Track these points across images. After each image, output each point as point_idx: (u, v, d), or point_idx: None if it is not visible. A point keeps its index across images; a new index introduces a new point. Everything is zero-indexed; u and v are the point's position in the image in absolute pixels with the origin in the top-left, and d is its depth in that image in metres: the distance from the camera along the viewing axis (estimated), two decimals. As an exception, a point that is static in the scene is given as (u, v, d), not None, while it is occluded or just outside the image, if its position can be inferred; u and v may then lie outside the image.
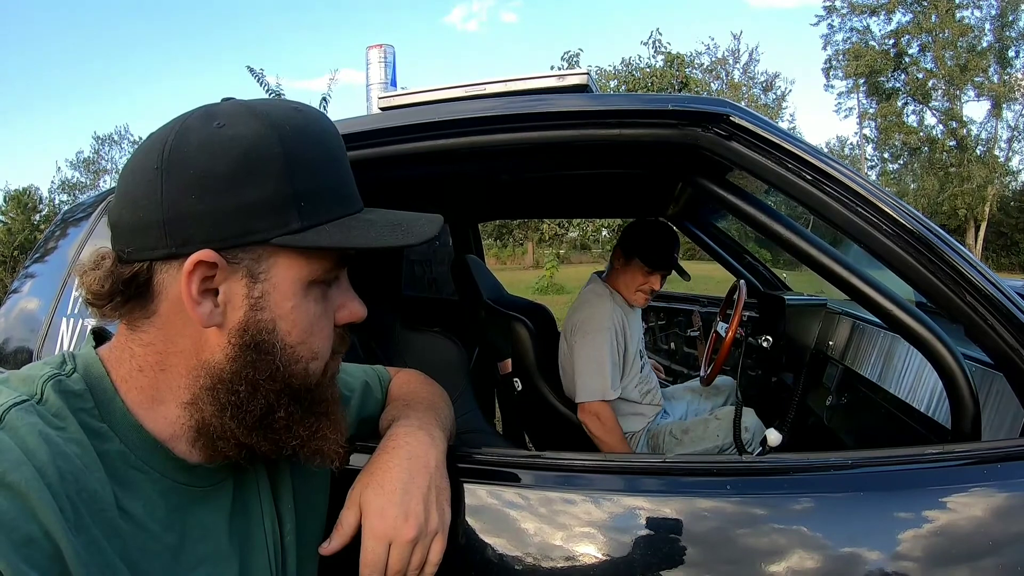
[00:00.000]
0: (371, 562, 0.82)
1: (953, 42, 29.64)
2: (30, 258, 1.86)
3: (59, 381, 0.66)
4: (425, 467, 0.88)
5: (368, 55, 1.72)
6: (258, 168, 0.66)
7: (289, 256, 0.69)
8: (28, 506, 0.54)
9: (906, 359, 1.90)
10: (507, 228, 17.69)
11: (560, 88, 1.27)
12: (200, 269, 0.65)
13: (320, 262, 0.72)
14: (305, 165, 0.69)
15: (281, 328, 0.70)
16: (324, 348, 0.76)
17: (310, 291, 0.72)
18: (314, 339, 0.74)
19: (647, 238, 2.41)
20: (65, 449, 0.60)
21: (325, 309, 0.75)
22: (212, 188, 0.65)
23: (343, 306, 0.78)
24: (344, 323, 0.79)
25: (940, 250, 1.06)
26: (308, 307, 0.72)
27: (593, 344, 2.29)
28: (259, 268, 0.68)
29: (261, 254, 0.68)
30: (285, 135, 0.68)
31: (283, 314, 0.70)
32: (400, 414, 1.00)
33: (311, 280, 0.72)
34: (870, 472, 1.00)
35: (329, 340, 0.77)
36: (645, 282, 2.40)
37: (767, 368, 3.04)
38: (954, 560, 0.91)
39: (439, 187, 2.38)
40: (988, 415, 1.38)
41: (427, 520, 0.85)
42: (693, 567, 0.94)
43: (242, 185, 0.66)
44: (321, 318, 0.75)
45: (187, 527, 0.70)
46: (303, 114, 0.73)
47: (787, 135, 1.12)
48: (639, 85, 14.59)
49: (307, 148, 0.70)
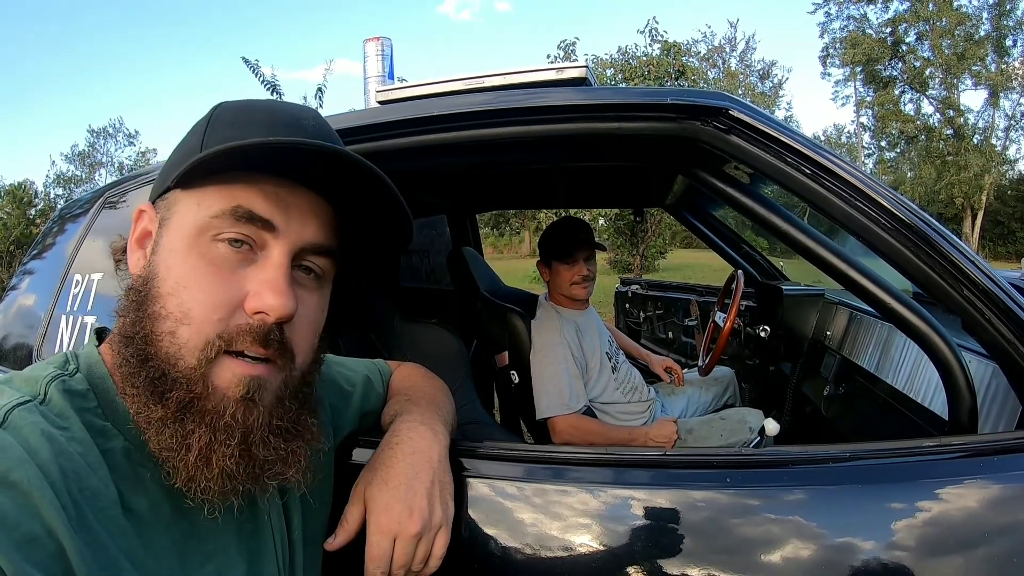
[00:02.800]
0: (376, 557, 0.83)
1: (950, 31, 29.51)
2: (28, 254, 1.87)
3: (62, 381, 0.66)
4: (428, 462, 0.89)
5: (365, 48, 1.71)
6: (192, 131, 0.75)
7: (186, 201, 0.70)
8: (31, 505, 0.54)
9: (903, 350, 1.91)
10: (504, 217, 17.65)
11: (559, 81, 1.27)
12: (141, 220, 0.73)
13: (208, 203, 0.68)
14: (225, 123, 0.72)
15: (159, 274, 0.68)
16: (201, 316, 0.66)
17: (199, 243, 0.68)
18: (186, 296, 0.66)
19: (548, 238, 2.46)
20: (68, 448, 0.60)
21: (220, 276, 0.68)
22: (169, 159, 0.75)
23: (257, 294, 0.68)
24: (253, 311, 0.68)
25: (938, 244, 1.06)
26: (189, 258, 0.67)
27: (545, 361, 2.30)
28: (168, 214, 0.71)
29: (172, 201, 0.71)
30: (223, 107, 0.75)
31: (163, 258, 0.69)
32: (402, 409, 1.00)
33: (200, 226, 0.68)
34: (869, 464, 1.01)
35: (214, 312, 0.67)
36: (571, 273, 2.40)
37: (765, 358, 3.05)
38: (951, 551, 0.92)
39: (437, 179, 2.37)
40: (986, 407, 1.39)
41: (431, 515, 0.85)
42: (695, 559, 0.95)
43: (175, 151, 0.75)
44: (204, 278, 0.67)
45: (194, 523, 0.70)
46: (268, 100, 0.75)
47: (786, 129, 1.12)
48: (636, 74, 14.50)
49: (237, 112, 0.74)
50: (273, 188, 0.70)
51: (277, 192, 0.70)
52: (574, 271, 2.39)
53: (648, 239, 15.52)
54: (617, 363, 2.54)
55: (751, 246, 3.33)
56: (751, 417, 2.35)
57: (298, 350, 0.73)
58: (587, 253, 2.42)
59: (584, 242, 2.41)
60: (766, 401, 2.91)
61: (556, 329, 2.35)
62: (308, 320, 0.75)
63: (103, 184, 1.86)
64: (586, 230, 2.45)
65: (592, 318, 2.56)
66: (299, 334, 0.73)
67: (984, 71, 29.88)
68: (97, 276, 1.54)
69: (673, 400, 2.71)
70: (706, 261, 5.47)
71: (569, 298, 2.45)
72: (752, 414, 2.38)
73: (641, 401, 2.50)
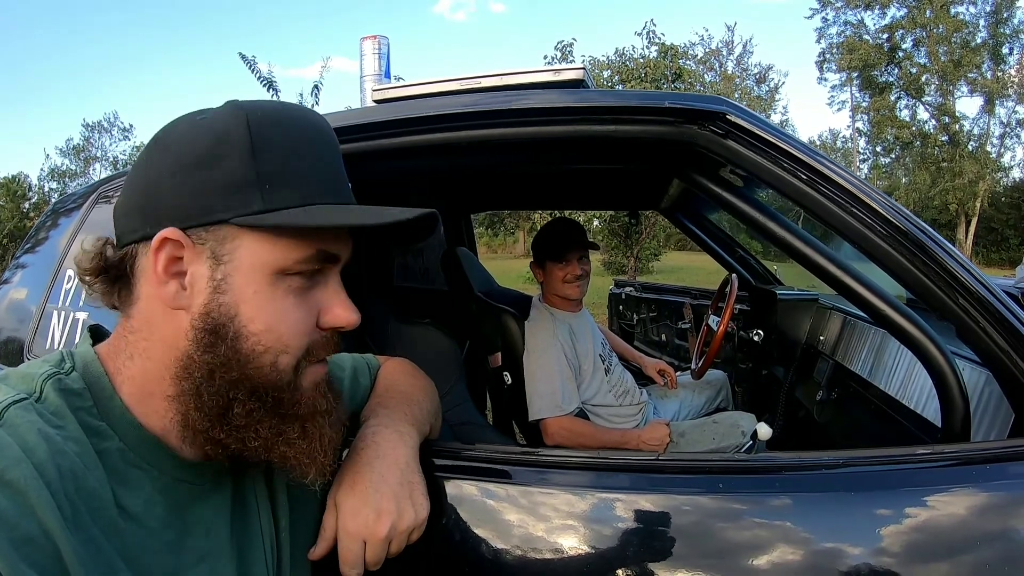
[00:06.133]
0: (348, 560, 0.84)
1: (947, 38, 29.66)
2: (21, 248, 1.86)
3: (58, 380, 0.66)
4: (395, 463, 0.89)
5: (362, 47, 1.71)
6: (224, 151, 0.68)
7: (255, 239, 0.68)
8: (27, 504, 0.54)
9: (897, 356, 1.92)
10: (498, 217, 17.63)
11: (556, 83, 1.26)
12: (166, 248, 0.66)
13: (289, 249, 0.69)
14: (272, 149, 0.69)
15: (243, 313, 0.68)
16: (295, 343, 0.71)
17: (280, 281, 0.70)
18: (283, 330, 0.70)
19: (541, 240, 2.46)
20: (64, 447, 0.60)
21: (301, 305, 0.72)
22: (183, 171, 0.67)
23: (329, 309, 0.74)
24: (329, 327, 0.75)
25: (933, 251, 1.06)
26: (276, 296, 0.70)
27: (538, 363, 2.30)
28: (223, 250, 0.68)
29: (225, 236, 0.68)
30: (256, 120, 0.69)
31: (246, 298, 0.68)
32: (371, 413, 1.00)
33: (280, 268, 0.69)
34: (861, 472, 1.01)
35: (304, 337, 0.72)
36: (564, 273, 2.40)
37: (758, 362, 3.05)
38: (943, 559, 0.93)
39: (432, 179, 2.37)
40: (979, 414, 1.39)
41: (400, 516, 0.85)
42: (687, 564, 0.95)
43: (208, 167, 0.67)
44: (293, 311, 0.71)
45: (187, 524, 0.71)
46: (286, 107, 0.74)
47: (783, 134, 1.12)
48: (633, 76, 14.51)
49: (278, 133, 0.70)
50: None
51: (338, 229, 0.73)
52: (567, 270, 2.39)
53: (642, 241, 15.55)
54: (610, 365, 2.54)
55: (745, 250, 3.33)
56: (744, 421, 2.35)
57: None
58: (580, 253, 2.42)
59: (576, 242, 2.41)
60: (759, 405, 2.91)
61: (549, 330, 2.34)
62: None
63: (97, 179, 1.85)
64: (578, 230, 2.45)
65: (586, 320, 2.55)
66: None
67: (980, 78, 30.07)
68: (89, 272, 1.52)
69: (666, 403, 2.71)
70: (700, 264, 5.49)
71: (563, 298, 2.45)
72: (745, 418, 2.38)
73: (634, 404, 2.50)
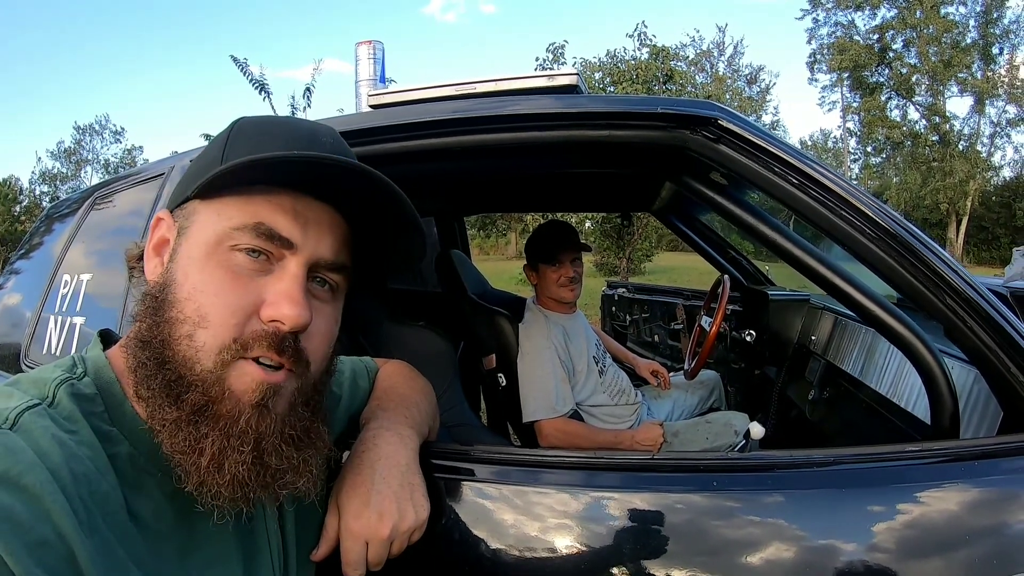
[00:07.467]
0: (351, 561, 0.84)
1: (937, 38, 29.83)
2: (15, 254, 1.85)
3: (71, 385, 0.67)
4: (395, 465, 0.90)
5: (357, 51, 1.72)
6: (208, 147, 0.76)
7: (205, 210, 0.71)
8: (42, 508, 0.54)
9: (887, 355, 1.94)
10: (490, 219, 17.63)
11: (550, 88, 1.28)
12: (159, 228, 0.74)
13: (228, 217, 0.69)
14: (246, 135, 0.74)
15: (177, 280, 0.69)
16: (217, 321, 0.67)
17: (218, 251, 0.69)
18: (203, 300, 0.67)
19: (533, 242, 2.47)
20: (77, 452, 0.61)
21: (237, 284, 0.68)
22: (188, 171, 0.77)
23: (273, 303, 0.69)
24: (268, 319, 0.69)
25: (921, 253, 1.08)
26: (207, 266, 0.68)
27: (533, 365, 2.31)
28: (187, 224, 0.72)
29: (191, 211, 0.72)
30: (242, 122, 0.76)
31: (182, 265, 0.70)
32: (372, 415, 1.01)
33: (219, 236, 0.69)
34: (852, 469, 1.02)
35: (230, 318, 0.67)
36: (558, 275, 2.41)
37: (750, 362, 3.07)
38: (933, 555, 0.94)
39: (426, 182, 2.38)
40: (968, 412, 1.41)
41: (402, 517, 0.86)
42: (681, 562, 0.96)
43: (195, 163, 0.76)
44: (223, 286, 0.68)
45: (195, 529, 0.71)
46: (288, 116, 0.77)
47: (774, 139, 1.13)
48: (624, 77, 14.55)
49: (255, 128, 0.75)
50: (292, 203, 0.71)
51: (295, 207, 0.71)
52: (560, 272, 2.40)
53: (634, 242, 15.56)
54: (604, 366, 2.54)
55: (737, 251, 3.35)
56: (736, 420, 2.37)
57: (312, 359, 0.74)
58: (572, 255, 2.43)
59: (569, 244, 2.42)
60: (751, 405, 2.93)
61: (543, 332, 2.35)
62: (322, 331, 0.76)
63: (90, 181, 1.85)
64: (571, 233, 2.46)
65: (580, 322, 2.56)
66: (313, 344, 0.74)
67: (970, 78, 30.25)
68: (86, 277, 1.53)
69: (659, 403, 2.72)
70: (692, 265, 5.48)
71: (556, 300, 2.46)
72: (737, 417, 2.39)
73: (628, 404, 2.51)
